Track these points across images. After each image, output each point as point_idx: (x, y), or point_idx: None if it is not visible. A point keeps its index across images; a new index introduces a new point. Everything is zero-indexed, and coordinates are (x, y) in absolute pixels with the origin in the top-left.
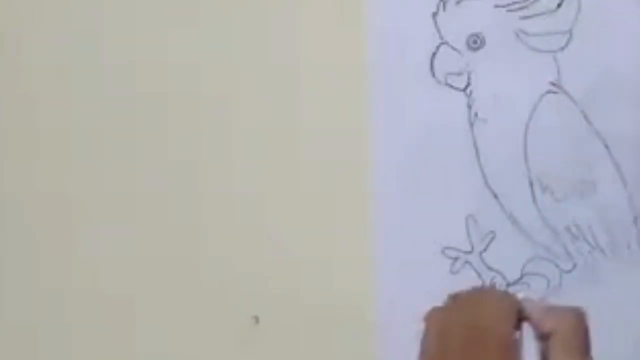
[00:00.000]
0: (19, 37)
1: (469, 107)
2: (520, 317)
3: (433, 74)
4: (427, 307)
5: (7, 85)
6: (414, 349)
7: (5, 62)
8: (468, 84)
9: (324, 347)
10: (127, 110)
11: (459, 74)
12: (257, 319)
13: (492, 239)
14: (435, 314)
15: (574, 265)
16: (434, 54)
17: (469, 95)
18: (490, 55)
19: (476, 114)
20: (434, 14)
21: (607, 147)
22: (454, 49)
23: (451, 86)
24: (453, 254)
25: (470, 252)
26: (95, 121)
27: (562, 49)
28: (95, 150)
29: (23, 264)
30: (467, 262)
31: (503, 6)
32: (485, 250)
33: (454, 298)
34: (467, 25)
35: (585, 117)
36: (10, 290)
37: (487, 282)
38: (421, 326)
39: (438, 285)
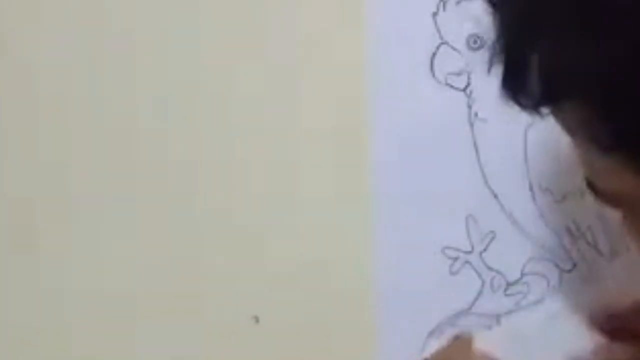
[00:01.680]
0: (19, 37)
1: (469, 107)
2: None
3: (433, 74)
4: (427, 307)
5: (7, 85)
6: (413, 349)
7: (5, 62)
8: (468, 84)
9: (324, 347)
10: (127, 110)
11: (459, 74)
12: (257, 319)
13: (492, 239)
14: None
15: (574, 265)
16: (434, 54)
17: (469, 95)
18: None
19: (476, 114)
20: (434, 14)
21: None
22: (454, 49)
23: (451, 86)
24: (453, 254)
25: (470, 252)
26: (95, 121)
27: None
28: (95, 150)
29: (23, 264)
30: (467, 262)
31: None
32: (485, 250)
33: None
34: (467, 25)
35: None
36: (10, 290)
37: (487, 282)
38: None
39: (438, 285)
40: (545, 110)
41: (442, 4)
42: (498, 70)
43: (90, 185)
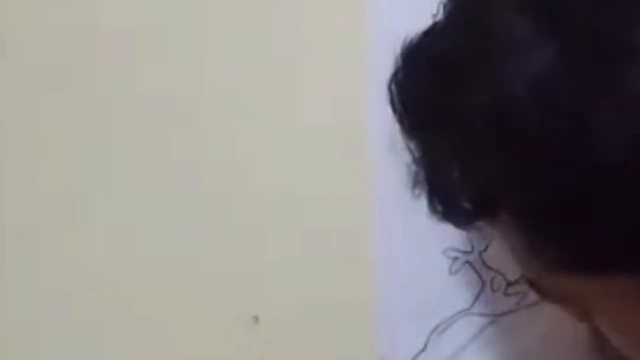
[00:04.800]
0: (19, 37)
1: None
2: None
3: None
4: (427, 307)
5: (7, 85)
6: (413, 349)
7: (5, 62)
8: None
9: (324, 347)
10: (127, 110)
11: None
12: (257, 319)
13: (492, 239)
14: None
15: None
16: None
17: None
18: None
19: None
20: (434, 15)
21: None
22: None
23: None
24: (453, 254)
25: (470, 252)
26: (95, 121)
27: None
28: (95, 150)
29: (23, 264)
30: (467, 262)
31: None
32: (485, 250)
33: None
34: None
35: None
36: (11, 290)
37: (487, 282)
38: None
39: (438, 285)
40: (481, 224)
41: (442, 4)
42: (422, 191)
43: (89, 185)
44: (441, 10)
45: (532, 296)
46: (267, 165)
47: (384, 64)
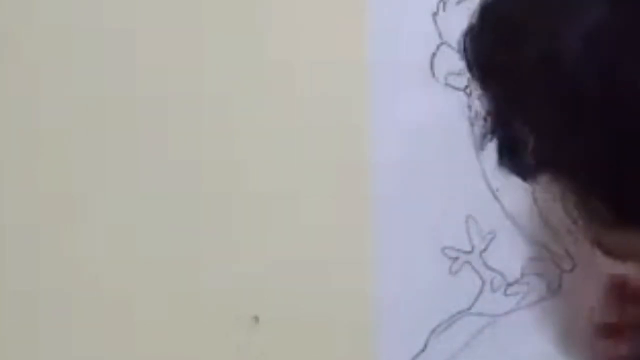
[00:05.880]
0: (19, 37)
1: (469, 107)
2: None
3: (433, 74)
4: (427, 307)
5: (7, 85)
6: (414, 349)
7: (5, 62)
8: (468, 84)
9: (324, 347)
10: (127, 110)
11: (459, 74)
12: (257, 319)
13: (492, 239)
14: None
15: (574, 265)
16: (434, 54)
17: (469, 95)
18: None
19: (476, 114)
20: (434, 14)
21: None
22: (454, 49)
23: (451, 86)
24: (453, 254)
25: (470, 252)
26: (95, 121)
27: None
28: (95, 150)
29: (23, 264)
30: (467, 262)
31: None
32: (485, 250)
33: None
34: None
35: None
36: (11, 290)
37: (487, 282)
38: None
39: (438, 285)
40: (543, 178)
41: (442, 4)
42: (491, 145)
43: (89, 185)
44: (441, 8)
45: (532, 296)
46: (267, 165)
47: (384, 63)
